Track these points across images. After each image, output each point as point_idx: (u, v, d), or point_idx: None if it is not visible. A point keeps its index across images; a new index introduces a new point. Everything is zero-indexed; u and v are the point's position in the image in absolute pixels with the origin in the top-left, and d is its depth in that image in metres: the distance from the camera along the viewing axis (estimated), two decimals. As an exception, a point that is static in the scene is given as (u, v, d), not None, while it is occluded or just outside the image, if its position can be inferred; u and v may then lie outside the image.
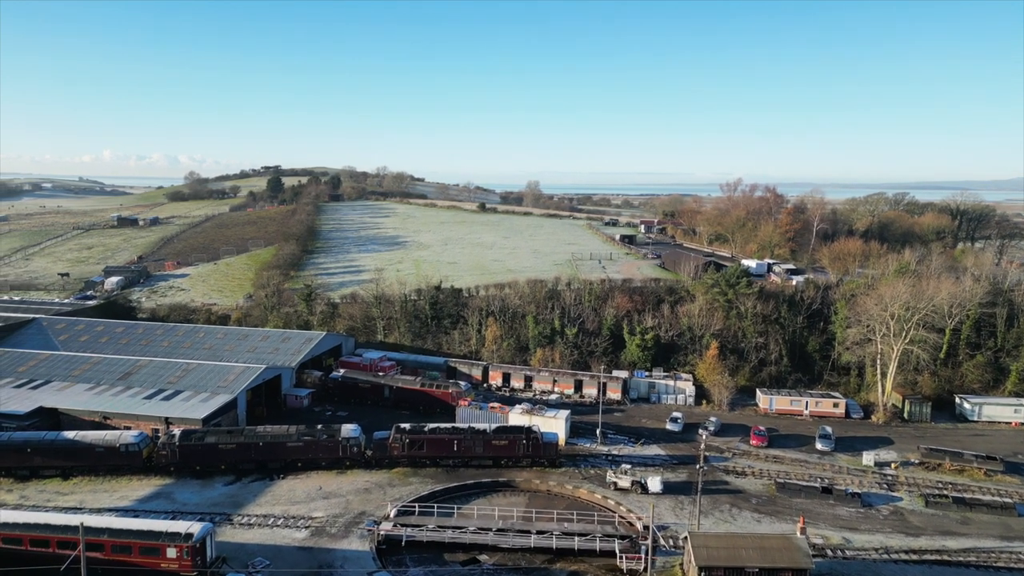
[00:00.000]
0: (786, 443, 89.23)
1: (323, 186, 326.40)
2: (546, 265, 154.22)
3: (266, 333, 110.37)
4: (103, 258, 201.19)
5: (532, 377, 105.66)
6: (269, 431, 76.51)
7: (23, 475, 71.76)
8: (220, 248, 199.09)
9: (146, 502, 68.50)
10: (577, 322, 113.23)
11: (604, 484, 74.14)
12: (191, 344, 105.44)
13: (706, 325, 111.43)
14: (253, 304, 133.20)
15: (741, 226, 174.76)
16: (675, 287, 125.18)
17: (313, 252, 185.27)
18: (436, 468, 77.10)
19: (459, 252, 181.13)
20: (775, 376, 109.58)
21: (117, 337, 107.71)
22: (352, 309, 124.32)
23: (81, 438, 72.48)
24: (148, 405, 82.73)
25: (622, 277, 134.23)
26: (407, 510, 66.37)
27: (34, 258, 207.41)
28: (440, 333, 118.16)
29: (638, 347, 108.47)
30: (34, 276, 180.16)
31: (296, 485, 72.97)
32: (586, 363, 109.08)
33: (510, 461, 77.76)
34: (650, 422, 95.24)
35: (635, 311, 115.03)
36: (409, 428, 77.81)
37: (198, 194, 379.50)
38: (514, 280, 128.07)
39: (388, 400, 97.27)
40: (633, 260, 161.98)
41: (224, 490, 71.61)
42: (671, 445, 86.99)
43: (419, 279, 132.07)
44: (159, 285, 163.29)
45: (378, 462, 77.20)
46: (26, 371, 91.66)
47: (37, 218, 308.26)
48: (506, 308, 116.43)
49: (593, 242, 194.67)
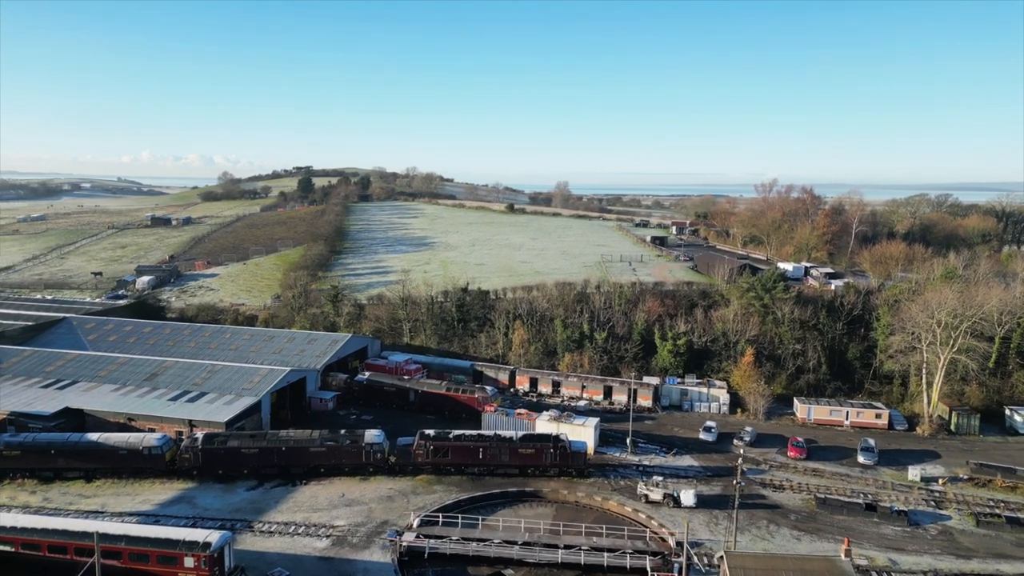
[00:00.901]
0: (826, 455, 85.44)
1: (353, 187, 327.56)
2: (575, 267, 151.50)
3: (292, 334, 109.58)
4: (136, 257, 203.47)
5: (560, 382, 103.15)
6: (292, 436, 75.22)
7: (47, 477, 71.42)
8: (250, 248, 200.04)
9: (168, 506, 67.58)
10: (607, 326, 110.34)
11: (635, 496, 71.35)
12: (217, 345, 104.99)
13: (741, 331, 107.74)
14: (280, 305, 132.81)
15: (777, 228, 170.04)
16: (708, 291, 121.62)
17: (341, 253, 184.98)
18: (461, 476, 75.07)
19: (487, 253, 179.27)
20: (813, 384, 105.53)
21: (145, 337, 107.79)
22: (378, 310, 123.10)
23: (104, 440, 71.92)
24: (173, 407, 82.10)
25: (653, 280, 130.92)
26: (430, 520, 64.43)
27: (69, 257, 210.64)
28: (466, 336, 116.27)
29: (670, 353, 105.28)
30: (68, 275, 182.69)
31: (318, 491, 71.51)
32: (616, 369, 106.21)
33: (537, 470, 75.43)
34: (682, 431, 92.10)
35: (667, 315, 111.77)
36: (433, 435, 75.92)
37: (230, 194, 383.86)
38: (542, 282, 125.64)
39: (413, 404, 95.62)
40: (665, 262, 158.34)
41: (246, 495, 70.43)
42: (705, 456, 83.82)
43: (446, 281, 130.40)
44: (189, 284, 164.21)
45: (402, 469, 75.47)
46: (54, 371, 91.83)
47: (74, 217, 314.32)
48: (534, 311, 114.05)
49: (623, 244, 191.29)
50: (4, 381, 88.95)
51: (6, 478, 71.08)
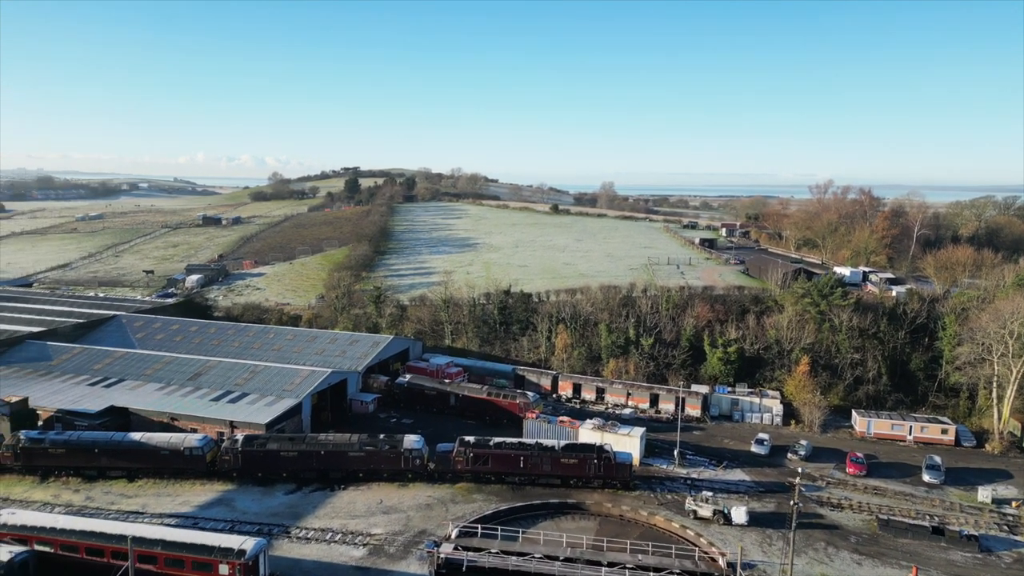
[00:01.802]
0: (887, 472, 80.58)
1: (398, 187, 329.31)
2: (621, 270, 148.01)
3: (334, 335, 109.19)
4: (186, 256, 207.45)
5: (604, 389, 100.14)
6: (331, 439, 74.22)
7: (90, 475, 71.91)
8: (296, 248, 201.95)
9: (207, 508, 67.18)
10: (654, 332, 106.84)
11: (682, 511, 68.10)
12: (261, 345, 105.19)
13: (796, 338, 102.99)
14: (324, 305, 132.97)
15: (833, 231, 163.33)
16: (761, 296, 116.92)
17: (385, 253, 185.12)
18: (501, 485, 72.96)
19: (530, 255, 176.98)
20: (873, 396, 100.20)
21: (191, 336, 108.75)
22: (420, 312, 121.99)
23: (147, 440, 72.05)
24: (214, 407, 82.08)
25: (703, 284, 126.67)
26: (469, 531, 62.38)
27: (124, 255, 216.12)
28: (508, 339, 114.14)
29: (720, 360, 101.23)
30: (122, 273, 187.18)
31: (357, 497, 70.27)
32: (663, 376, 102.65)
33: (580, 481, 72.80)
34: (733, 443, 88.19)
35: (717, 321, 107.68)
36: (473, 442, 73.95)
37: (279, 194, 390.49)
38: (586, 285, 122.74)
39: (454, 408, 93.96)
40: (714, 266, 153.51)
41: (284, 499, 69.63)
42: (757, 470, 79.88)
43: (488, 282, 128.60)
44: (236, 284, 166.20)
45: (441, 476, 73.74)
46: (102, 368, 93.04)
47: (130, 216, 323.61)
48: (578, 315, 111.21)
49: (671, 246, 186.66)
50: (54, 378, 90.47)
51: (51, 476, 71.79)
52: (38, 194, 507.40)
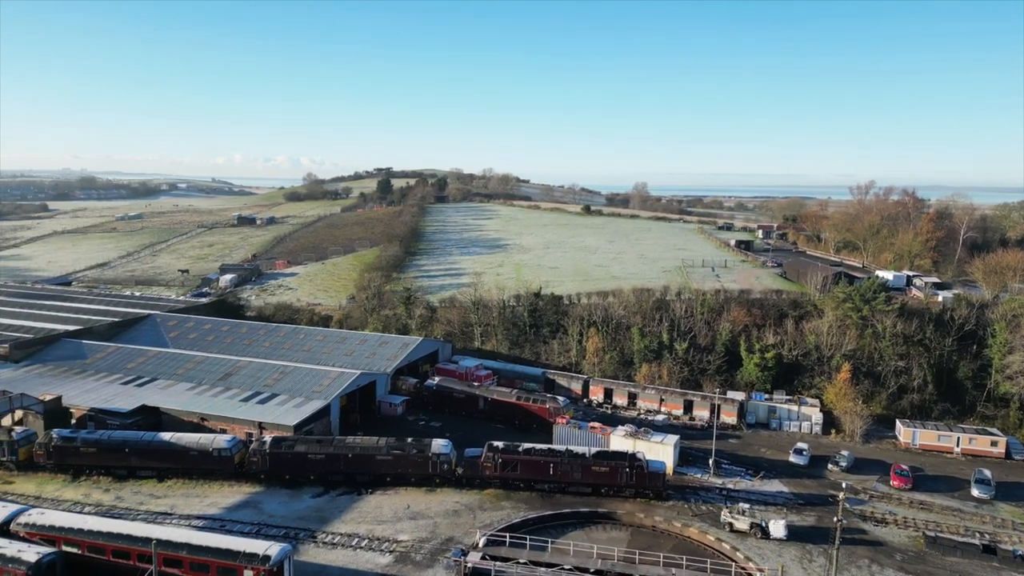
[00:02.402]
0: (934, 486, 77.05)
1: (430, 187, 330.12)
2: (654, 272, 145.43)
3: (364, 336, 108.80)
4: (221, 256, 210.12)
5: (636, 395, 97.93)
6: (358, 442, 73.46)
7: (121, 475, 72.17)
8: (328, 248, 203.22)
9: (234, 511, 66.83)
10: (688, 336, 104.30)
11: (718, 523, 65.71)
12: (291, 346, 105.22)
13: (836, 344, 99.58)
14: (355, 306, 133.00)
15: (875, 233, 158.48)
16: (800, 300, 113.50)
17: (416, 254, 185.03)
18: (530, 492, 71.32)
19: (561, 256, 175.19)
20: (918, 405, 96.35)
21: (223, 336, 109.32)
22: (450, 314, 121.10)
23: (176, 441, 72.08)
24: (244, 408, 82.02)
25: (739, 287, 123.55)
26: (497, 539, 60.92)
27: (161, 254, 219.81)
28: (539, 342, 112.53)
29: (757, 366, 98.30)
30: (158, 272, 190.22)
31: (384, 502, 69.33)
32: (697, 382, 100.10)
33: (611, 490, 70.86)
34: (770, 452, 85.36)
35: (754, 326, 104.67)
36: (502, 447, 72.52)
37: (313, 194, 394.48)
38: (619, 288, 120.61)
39: (483, 412, 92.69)
40: (751, 268, 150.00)
41: (311, 503, 69.01)
42: (796, 481, 77.02)
43: (519, 284, 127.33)
44: (269, 283, 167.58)
45: (469, 481, 72.43)
46: (135, 367, 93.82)
47: (168, 216, 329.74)
48: (609, 318, 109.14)
49: (706, 247, 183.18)
50: (88, 376, 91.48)
51: (82, 474, 72.23)
52: (81, 194, 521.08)
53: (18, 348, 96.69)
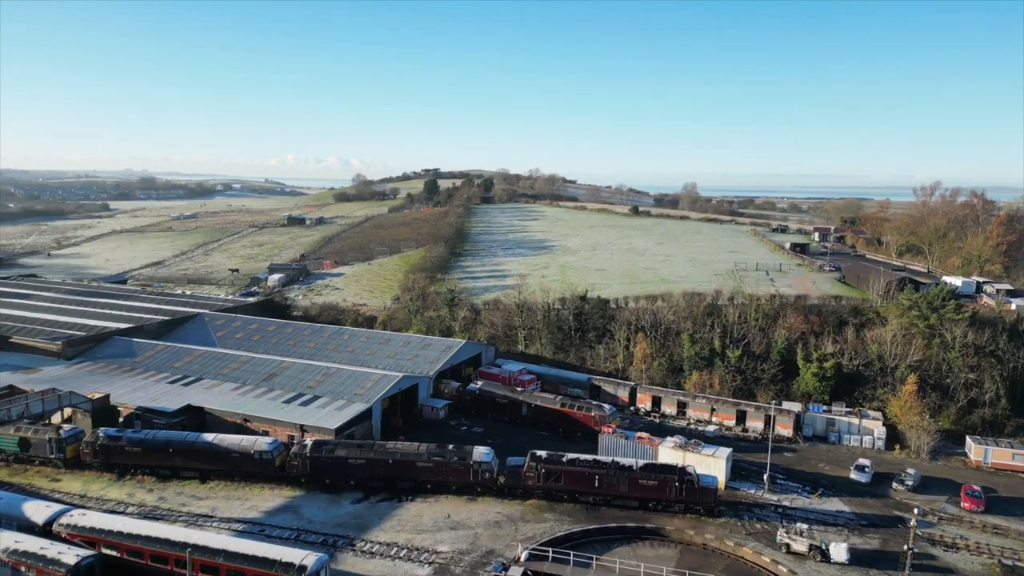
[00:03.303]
0: (1009, 509, 71.66)
1: (476, 188, 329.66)
2: (705, 275, 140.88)
3: (408, 338, 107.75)
4: (270, 255, 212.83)
5: (686, 403, 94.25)
6: (399, 448, 72.06)
7: (164, 475, 72.35)
8: (375, 248, 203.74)
9: (274, 515, 66.12)
10: (741, 343, 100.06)
11: (773, 544, 62.10)
12: (335, 347, 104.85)
13: (901, 354, 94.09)
14: (399, 307, 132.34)
15: (941, 236, 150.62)
16: (861, 307, 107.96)
17: (460, 255, 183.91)
18: (574, 504, 68.83)
19: (608, 258, 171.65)
20: (989, 421, 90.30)
21: (268, 336, 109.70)
22: (494, 316, 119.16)
23: (218, 442, 71.86)
24: (286, 410, 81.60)
25: (795, 292, 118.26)
26: (539, 554, 58.59)
27: (213, 253, 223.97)
28: (584, 347, 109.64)
29: (814, 376, 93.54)
30: (210, 271, 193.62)
31: (424, 510, 67.72)
32: (751, 391, 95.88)
33: (659, 504, 67.81)
34: (829, 468, 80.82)
35: (811, 333, 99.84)
36: (545, 457, 70.12)
37: (361, 195, 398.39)
38: (668, 291, 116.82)
39: (526, 418, 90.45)
40: (807, 272, 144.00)
41: (351, 509, 67.86)
42: (857, 500, 72.57)
43: (564, 287, 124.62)
44: (316, 283, 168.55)
45: (511, 491, 70.32)
46: (181, 367, 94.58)
47: (221, 216, 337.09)
48: (658, 323, 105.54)
49: (759, 250, 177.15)
50: (137, 375, 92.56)
51: (127, 473, 72.63)
52: (140, 194, 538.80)
53: (71, 345, 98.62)
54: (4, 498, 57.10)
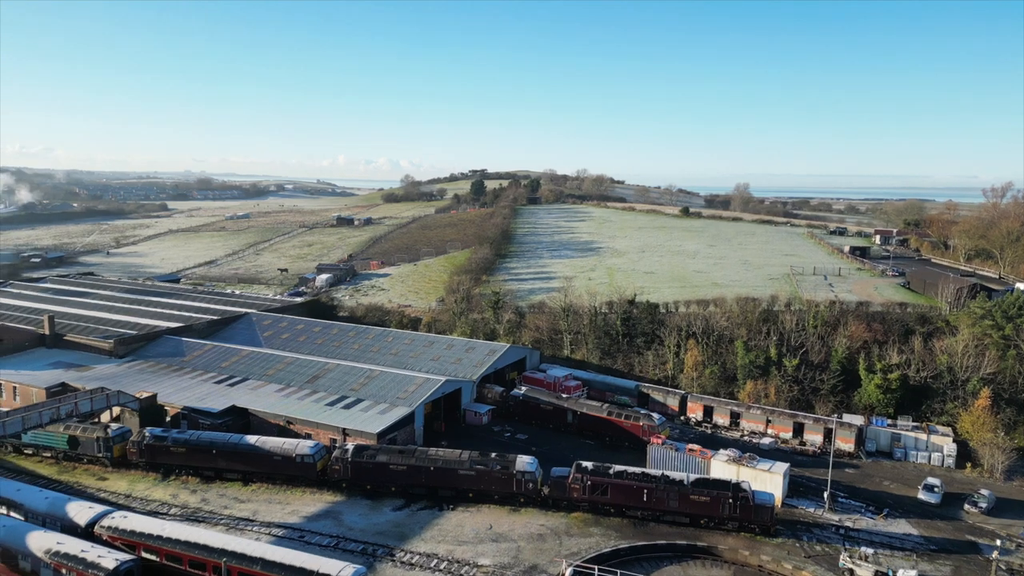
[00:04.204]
0: (1098, 538, 65.81)
1: (522, 189, 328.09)
2: (759, 280, 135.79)
3: (451, 341, 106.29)
4: (319, 255, 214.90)
5: (740, 414, 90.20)
6: (441, 455, 70.41)
7: (208, 476, 72.30)
8: (421, 249, 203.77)
9: (314, 520, 65.22)
10: (799, 352, 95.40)
11: (835, 568, 58.21)
12: (379, 348, 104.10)
13: (973, 366, 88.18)
14: (443, 308, 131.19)
15: (1014, 240, 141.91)
16: (928, 315, 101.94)
17: (506, 256, 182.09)
18: (621, 519, 66.04)
19: (657, 261, 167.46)
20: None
21: (314, 336, 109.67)
22: (539, 319, 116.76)
23: (261, 445, 71.43)
24: (328, 413, 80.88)
25: (856, 298, 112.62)
26: (584, 572, 56.09)
27: (263, 253, 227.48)
28: (632, 353, 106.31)
29: (878, 388, 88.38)
30: (260, 270, 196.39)
31: (465, 520, 65.89)
32: (808, 402, 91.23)
33: (711, 522, 64.48)
34: (894, 486, 75.97)
35: (874, 342, 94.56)
36: (591, 468, 67.48)
37: (409, 196, 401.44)
38: (720, 296, 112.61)
39: (571, 426, 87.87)
40: (868, 277, 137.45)
41: (391, 516, 66.50)
42: (926, 523, 67.76)
43: (612, 290, 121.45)
44: (362, 284, 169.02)
45: (555, 503, 67.92)
46: (228, 367, 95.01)
47: (273, 216, 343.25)
48: (710, 329, 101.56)
49: (816, 254, 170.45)
50: (184, 374, 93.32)
51: (172, 474, 72.82)
52: (198, 194, 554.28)
53: (122, 344, 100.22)
54: (49, 498, 57.49)
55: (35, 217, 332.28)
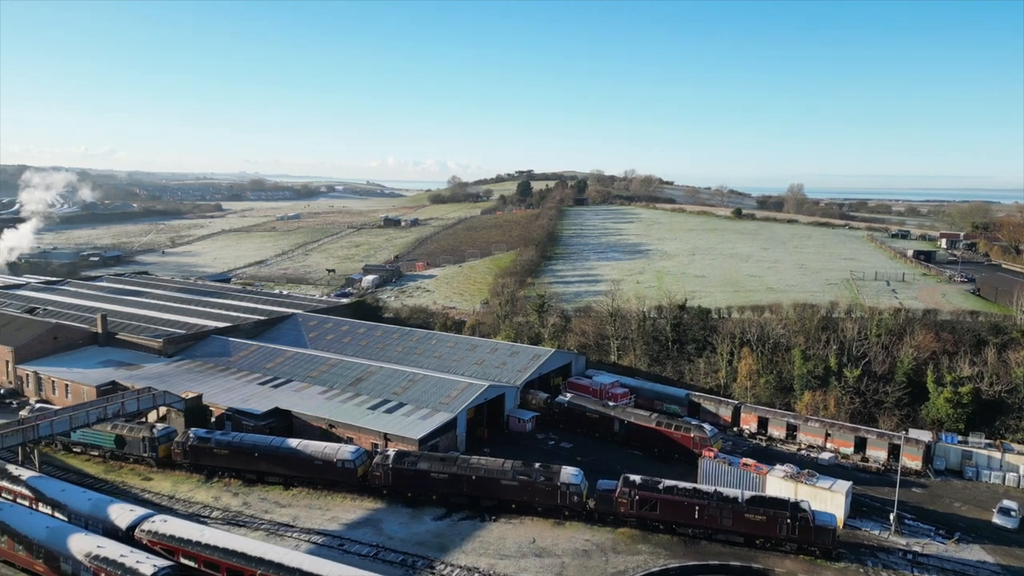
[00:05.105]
0: None
1: (569, 190, 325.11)
2: (816, 285, 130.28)
3: (495, 345, 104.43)
4: (366, 256, 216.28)
5: (797, 427, 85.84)
6: (483, 464, 68.47)
7: (250, 479, 71.90)
8: (466, 250, 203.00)
9: (353, 528, 64.04)
10: (861, 362, 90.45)
11: (903, 598, 54.18)
12: (422, 351, 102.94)
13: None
14: (487, 311, 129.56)
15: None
16: (1003, 324, 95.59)
17: (552, 258, 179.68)
18: (671, 536, 63.02)
19: (708, 264, 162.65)
20: None
21: (358, 338, 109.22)
22: (585, 324, 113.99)
23: (302, 448, 70.68)
24: (370, 417, 79.84)
25: (922, 306, 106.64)
26: (631, 592, 53.43)
27: (312, 253, 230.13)
28: (682, 360, 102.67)
29: (947, 402, 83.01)
30: (308, 270, 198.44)
31: (507, 532, 63.80)
32: (871, 415, 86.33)
33: (767, 542, 60.94)
34: (965, 508, 70.89)
35: (943, 353, 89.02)
36: (640, 483, 64.58)
37: (455, 197, 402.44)
38: (776, 302, 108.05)
39: (617, 435, 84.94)
40: (934, 284, 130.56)
41: (432, 526, 64.85)
42: (1003, 549, 62.79)
43: (661, 294, 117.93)
44: (408, 285, 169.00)
45: (601, 517, 65.25)
46: (273, 368, 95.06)
47: (323, 217, 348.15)
48: (765, 336, 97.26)
49: (877, 258, 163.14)
50: (230, 374, 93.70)
51: (215, 476, 72.66)
52: (251, 195, 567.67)
53: (171, 343, 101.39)
54: (92, 499, 57.56)
55: (96, 217, 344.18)
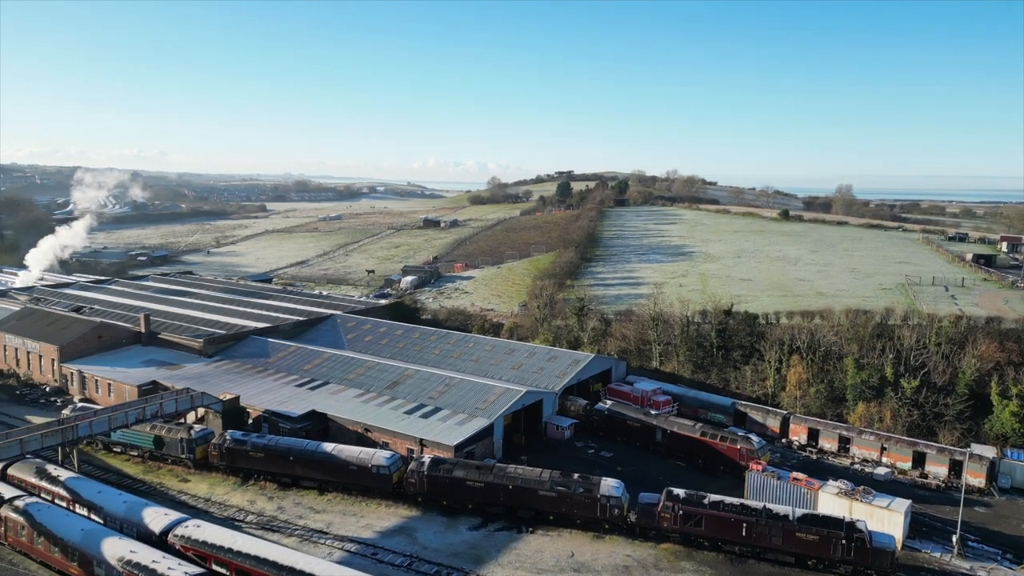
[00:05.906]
0: None
1: (609, 191, 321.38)
2: (869, 290, 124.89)
3: (533, 349, 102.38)
4: (406, 257, 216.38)
5: (850, 439, 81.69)
6: (520, 473, 66.55)
7: (285, 482, 71.26)
8: (505, 252, 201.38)
9: (388, 536, 62.71)
10: (919, 372, 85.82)
11: (969, 629, 50.41)
12: (459, 355, 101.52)
13: None
14: (525, 314, 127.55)
15: None
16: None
17: (592, 260, 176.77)
18: (716, 553, 60.14)
19: (754, 267, 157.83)
20: None
21: (396, 340, 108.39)
22: (626, 328, 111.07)
23: (337, 453, 69.76)
24: (406, 422, 78.61)
25: (984, 313, 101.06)
26: (675, 613, 50.84)
27: (352, 254, 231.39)
28: (727, 367, 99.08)
29: (1014, 416, 78.06)
30: (348, 271, 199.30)
31: (544, 545, 61.73)
32: (930, 429, 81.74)
33: (819, 563, 57.64)
34: (1035, 531, 66.27)
35: (1008, 364, 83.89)
36: (684, 497, 61.84)
37: (495, 198, 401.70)
38: (827, 308, 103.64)
39: (659, 445, 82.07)
40: (996, 289, 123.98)
41: (467, 536, 63.16)
42: (1079, 579, 58.29)
43: (705, 298, 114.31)
44: (446, 286, 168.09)
45: (643, 531, 62.72)
46: (310, 369, 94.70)
47: (364, 217, 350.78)
48: (816, 344, 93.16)
49: (933, 262, 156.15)
50: (268, 376, 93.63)
51: (251, 479, 72.24)
52: (295, 196, 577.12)
53: (211, 343, 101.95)
54: (128, 502, 57.38)
55: (146, 217, 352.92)
